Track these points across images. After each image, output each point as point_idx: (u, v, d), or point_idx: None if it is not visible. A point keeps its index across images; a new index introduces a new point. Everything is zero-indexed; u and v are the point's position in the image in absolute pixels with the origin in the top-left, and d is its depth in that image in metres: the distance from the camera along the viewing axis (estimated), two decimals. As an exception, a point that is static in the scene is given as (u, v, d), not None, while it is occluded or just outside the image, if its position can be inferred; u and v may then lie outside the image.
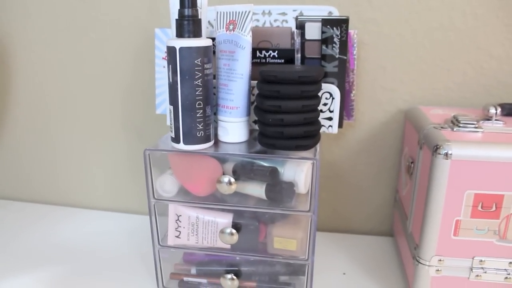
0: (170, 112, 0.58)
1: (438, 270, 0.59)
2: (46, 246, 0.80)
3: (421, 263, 0.59)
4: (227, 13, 0.59)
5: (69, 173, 0.95)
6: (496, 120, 0.62)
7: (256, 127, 0.62)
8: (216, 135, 0.63)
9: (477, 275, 0.58)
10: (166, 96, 0.69)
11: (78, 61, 0.86)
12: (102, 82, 0.86)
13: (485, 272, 0.58)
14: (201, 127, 0.58)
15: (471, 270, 0.58)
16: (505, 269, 0.58)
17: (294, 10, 0.70)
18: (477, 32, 0.72)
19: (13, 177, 0.98)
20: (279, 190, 0.59)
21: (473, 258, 0.58)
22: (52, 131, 0.92)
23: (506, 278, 0.58)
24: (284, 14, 0.70)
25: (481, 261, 0.58)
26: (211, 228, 0.62)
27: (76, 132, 0.91)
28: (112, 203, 0.95)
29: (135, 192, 0.92)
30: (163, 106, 0.72)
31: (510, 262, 0.57)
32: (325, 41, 0.64)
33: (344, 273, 0.72)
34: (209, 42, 0.56)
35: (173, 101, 0.57)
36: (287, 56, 0.65)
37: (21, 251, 0.78)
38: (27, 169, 0.97)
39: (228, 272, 0.65)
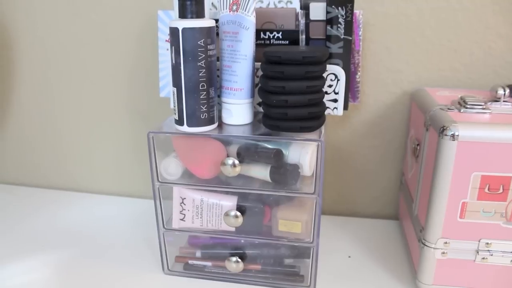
0: (174, 94, 0.58)
1: (444, 253, 0.59)
2: (52, 230, 0.80)
3: (426, 245, 0.59)
4: (230, -7, 0.58)
5: (73, 158, 0.95)
6: (504, 101, 0.61)
7: (261, 109, 0.62)
8: (220, 117, 0.62)
9: (483, 258, 0.58)
10: (169, 79, 0.68)
11: (81, 45, 0.85)
12: (105, 66, 0.86)
13: (491, 255, 0.58)
14: (204, 109, 0.57)
15: (477, 252, 0.58)
16: (511, 252, 0.57)
17: (298, -9, 0.69)
18: (485, 10, 0.70)
19: (18, 163, 0.98)
20: (283, 172, 0.59)
21: (479, 241, 0.57)
22: (57, 116, 0.92)
23: (513, 260, 0.58)
24: (288, -6, 0.69)
25: (487, 243, 0.57)
26: (215, 211, 0.62)
27: (80, 117, 0.91)
28: (117, 188, 0.95)
29: (140, 176, 0.92)
30: (167, 89, 0.71)
31: (517, 245, 0.57)
32: (330, 21, 0.63)
33: (349, 256, 0.72)
34: (212, 23, 0.56)
35: (176, 83, 0.57)
36: (291, 37, 0.64)
37: (27, 235, 0.79)
38: (32, 155, 0.97)
39: (233, 255, 0.65)
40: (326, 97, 0.64)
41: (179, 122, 0.58)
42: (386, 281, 0.66)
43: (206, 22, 0.55)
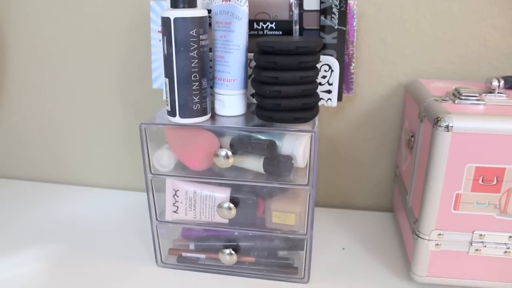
0: (166, 85, 0.57)
1: (437, 245, 0.58)
2: (45, 223, 0.80)
3: (420, 237, 0.59)
4: (223, -18, 0.57)
5: (66, 150, 0.94)
6: (499, 93, 0.60)
7: (254, 101, 0.61)
8: (213, 108, 0.62)
9: (477, 249, 0.58)
10: (162, 70, 0.67)
11: (73, 37, 0.85)
12: (97, 58, 0.85)
13: (485, 246, 0.58)
14: (197, 100, 0.57)
15: (471, 244, 0.58)
16: (504, 243, 0.57)
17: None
18: (481, 2, 0.70)
19: (11, 156, 0.98)
20: (277, 163, 0.58)
21: (473, 232, 0.57)
22: (49, 109, 0.91)
23: (506, 252, 0.57)
24: (282, -15, 0.68)
25: (481, 235, 0.57)
26: (208, 203, 0.62)
27: (73, 110, 0.90)
28: (110, 180, 0.94)
29: (133, 169, 0.92)
30: (160, 81, 0.70)
31: (510, 236, 0.57)
32: (324, 11, 0.63)
33: (343, 248, 0.72)
34: (204, 13, 0.55)
35: (168, 73, 0.56)
36: (285, 27, 0.64)
37: (20, 229, 0.78)
38: (25, 148, 0.96)
39: (226, 247, 0.64)
40: (320, 88, 0.64)
41: (172, 113, 0.58)
42: (380, 273, 0.66)
43: (198, 12, 0.54)
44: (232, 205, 0.60)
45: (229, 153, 0.58)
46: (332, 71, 0.63)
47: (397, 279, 0.64)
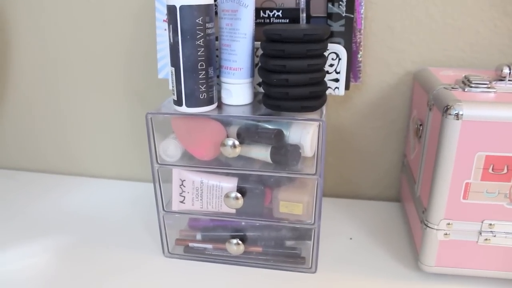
0: (172, 74, 0.57)
1: (446, 234, 0.58)
2: (52, 215, 0.80)
3: (429, 227, 0.58)
4: (229, -31, 0.57)
5: (73, 142, 0.94)
6: (509, 80, 0.59)
7: (261, 90, 0.61)
8: (219, 97, 0.61)
9: (486, 239, 0.57)
10: (168, 60, 0.67)
11: (77, 27, 0.84)
12: (102, 48, 0.85)
13: (494, 236, 0.57)
14: (203, 89, 0.56)
15: (480, 233, 0.57)
16: (514, 233, 0.57)
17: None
18: (491, -12, 0.69)
19: (18, 148, 0.98)
20: (284, 153, 0.58)
21: (482, 222, 0.57)
22: (56, 100, 0.91)
23: (516, 241, 0.57)
24: (289, -28, 0.67)
25: (490, 224, 0.57)
26: (215, 193, 0.61)
27: (79, 101, 0.90)
28: (116, 171, 0.94)
29: (140, 159, 0.92)
30: (165, 71, 0.70)
31: (520, 226, 0.56)
32: (332, -2, 0.62)
33: (351, 238, 0.72)
34: (210, 1, 0.54)
35: (174, 62, 0.56)
36: (292, 15, 0.63)
37: (28, 220, 0.78)
38: (31, 140, 0.96)
39: (233, 237, 0.64)
40: (328, 77, 0.63)
41: (178, 102, 0.57)
42: (388, 263, 0.66)
43: (204, 0, 0.53)
44: (239, 195, 0.60)
45: (236, 142, 0.57)
46: (339, 59, 0.62)
47: (405, 269, 0.64)
